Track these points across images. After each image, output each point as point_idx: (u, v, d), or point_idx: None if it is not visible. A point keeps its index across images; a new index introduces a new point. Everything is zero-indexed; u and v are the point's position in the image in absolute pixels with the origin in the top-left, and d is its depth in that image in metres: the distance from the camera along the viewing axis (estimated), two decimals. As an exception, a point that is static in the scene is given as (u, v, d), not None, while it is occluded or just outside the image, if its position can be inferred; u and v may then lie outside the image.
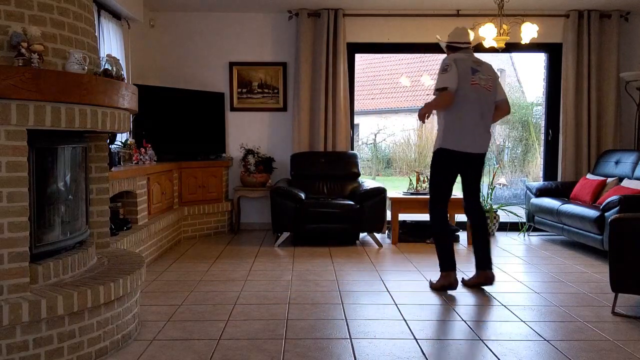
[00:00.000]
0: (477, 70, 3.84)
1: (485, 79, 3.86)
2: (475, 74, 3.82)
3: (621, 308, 3.45)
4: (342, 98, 6.16)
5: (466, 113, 3.80)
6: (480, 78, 3.83)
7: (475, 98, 3.81)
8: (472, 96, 3.79)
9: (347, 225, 5.46)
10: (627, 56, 6.28)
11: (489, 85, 3.87)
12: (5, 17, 2.41)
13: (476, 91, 3.81)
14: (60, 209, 2.79)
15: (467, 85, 3.78)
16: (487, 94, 3.87)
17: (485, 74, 3.87)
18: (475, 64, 3.88)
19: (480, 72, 3.84)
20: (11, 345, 2.30)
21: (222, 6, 6.11)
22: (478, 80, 3.82)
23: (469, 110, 3.80)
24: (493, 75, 3.93)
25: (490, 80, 3.88)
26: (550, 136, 6.54)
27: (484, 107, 3.85)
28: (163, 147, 5.64)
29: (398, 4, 6.00)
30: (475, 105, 3.81)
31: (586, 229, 5.03)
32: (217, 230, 6.14)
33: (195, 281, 4.11)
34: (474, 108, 3.81)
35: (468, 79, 3.79)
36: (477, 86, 3.81)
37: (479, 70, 3.85)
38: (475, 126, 3.82)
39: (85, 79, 2.55)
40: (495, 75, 3.95)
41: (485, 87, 3.85)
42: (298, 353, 2.73)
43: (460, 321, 3.26)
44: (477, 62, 3.90)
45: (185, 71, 6.36)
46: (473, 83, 3.80)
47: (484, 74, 3.86)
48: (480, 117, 3.84)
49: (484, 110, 3.86)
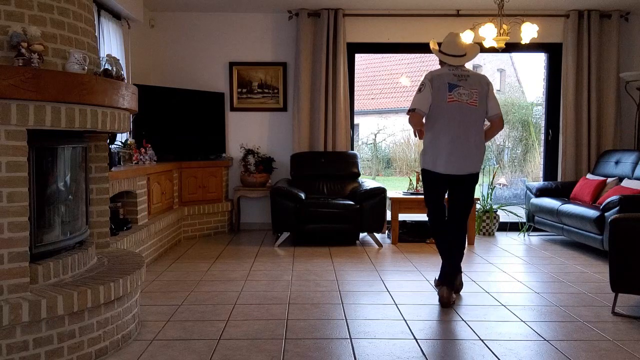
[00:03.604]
0: (456, 85, 3.57)
1: (468, 94, 3.57)
2: (453, 90, 3.55)
3: (621, 308, 3.45)
4: (342, 98, 6.16)
5: (442, 133, 3.58)
6: (460, 94, 3.56)
7: (453, 116, 3.56)
8: (449, 114, 3.56)
9: (347, 225, 5.46)
10: (627, 56, 6.28)
11: (473, 101, 3.58)
12: (5, 17, 2.41)
13: (454, 109, 3.56)
14: (60, 209, 2.79)
15: (443, 104, 3.56)
16: (471, 110, 3.57)
17: (469, 88, 3.58)
18: (457, 78, 3.60)
19: (461, 87, 3.57)
20: (11, 345, 2.30)
21: (222, 6, 6.11)
22: (457, 96, 3.55)
23: (446, 130, 3.57)
24: (480, 89, 3.61)
25: (475, 94, 3.58)
26: (550, 136, 6.54)
27: (465, 125, 3.57)
28: (163, 147, 5.64)
29: (398, 4, 6.00)
30: (453, 124, 3.56)
31: (586, 229, 5.03)
32: (217, 230, 6.14)
33: (195, 281, 4.11)
34: (451, 127, 3.56)
35: (444, 97, 3.55)
36: (456, 103, 3.55)
37: (460, 85, 3.57)
38: (453, 146, 3.56)
39: (85, 79, 2.55)
40: (484, 89, 3.64)
41: (468, 103, 3.57)
42: (298, 353, 2.73)
43: (460, 321, 3.25)
44: (461, 76, 3.61)
45: (185, 71, 6.36)
46: (450, 100, 3.55)
47: (468, 88, 3.58)
48: (461, 137, 3.57)
49: (466, 128, 3.58)
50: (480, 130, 3.66)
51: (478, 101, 3.60)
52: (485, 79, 3.72)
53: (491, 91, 3.70)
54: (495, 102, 3.68)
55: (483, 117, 3.67)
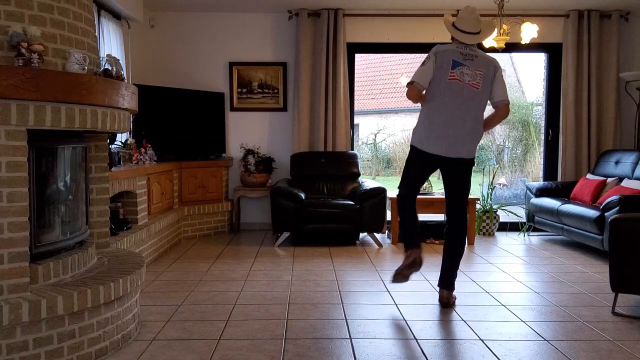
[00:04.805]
0: (461, 63, 3.35)
1: (472, 75, 3.35)
2: (456, 68, 3.34)
3: (621, 308, 3.45)
4: (342, 98, 6.16)
5: (437, 111, 3.39)
6: (463, 73, 3.34)
7: (452, 95, 3.35)
8: (448, 93, 3.35)
9: (347, 225, 5.46)
10: (627, 56, 6.28)
11: (476, 82, 3.35)
12: (5, 17, 2.41)
13: (454, 87, 3.35)
14: (60, 209, 2.79)
15: (443, 81, 3.35)
16: (472, 92, 3.36)
17: (474, 69, 3.36)
18: (462, 56, 3.38)
19: (466, 66, 3.35)
20: (11, 345, 2.30)
21: (222, 6, 6.11)
22: (459, 75, 3.34)
23: (442, 109, 3.38)
24: (486, 71, 3.39)
25: (479, 76, 3.36)
26: (550, 136, 6.54)
27: (463, 107, 3.37)
28: (163, 147, 5.64)
29: (398, 4, 6.00)
30: (451, 104, 3.36)
31: (586, 229, 5.03)
32: (217, 230, 6.14)
33: (195, 281, 4.11)
34: (447, 107, 3.37)
35: (445, 74, 3.35)
36: (457, 82, 3.34)
37: (466, 64, 3.36)
38: (445, 127, 3.37)
39: (85, 79, 2.55)
40: (490, 72, 3.41)
41: (470, 84, 3.35)
42: (298, 353, 2.73)
43: (460, 321, 3.25)
44: (468, 55, 3.39)
45: (185, 71, 6.36)
46: (451, 78, 3.34)
47: (473, 68, 3.36)
48: (456, 119, 3.37)
49: (464, 110, 3.37)
50: (479, 115, 3.45)
51: (482, 84, 3.38)
52: (494, 62, 3.46)
53: (499, 75, 3.45)
54: (503, 87, 3.45)
55: (484, 102, 3.45)
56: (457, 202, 3.58)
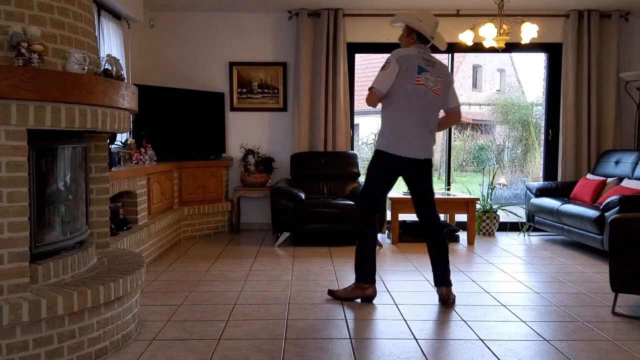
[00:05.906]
0: (425, 70, 3.46)
1: (434, 81, 3.49)
2: (421, 74, 3.44)
3: (621, 308, 3.45)
4: (342, 98, 6.16)
5: (406, 115, 3.47)
6: (427, 79, 3.46)
7: (418, 100, 3.46)
8: (415, 97, 3.45)
9: (347, 225, 5.46)
10: (627, 56, 6.28)
11: (437, 89, 3.50)
12: (5, 17, 2.41)
13: (420, 92, 3.45)
14: (60, 209, 2.79)
15: (410, 86, 3.43)
16: (434, 98, 3.51)
17: (435, 76, 3.50)
18: (426, 62, 3.49)
19: (429, 72, 3.48)
20: (11, 345, 2.30)
21: (222, 6, 6.11)
22: (424, 80, 3.45)
23: (409, 113, 3.46)
24: (445, 78, 3.56)
25: (440, 82, 3.51)
26: (550, 136, 6.54)
27: (427, 111, 3.51)
28: (163, 147, 5.64)
29: (398, 4, 6.00)
30: (417, 108, 3.47)
31: (586, 229, 5.03)
32: (217, 230, 6.14)
33: (195, 281, 4.11)
34: (414, 111, 3.47)
35: (412, 79, 3.43)
36: (422, 87, 3.45)
37: (428, 70, 3.48)
38: (414, 130, 3.48)
39: (85, 79, 2.55)
40: (448, 79, 3.60)
41: (433, 90, 3.48)
42: (298, 353, 2.73)
43: (460, 321, 3.25)
44: (430, 61, 3.52)
45: (185, 71, 6.36)
46: (418, 83, 3.44)
47: (434, 75, 3.49)
48: (422, 121, 3.49)
49: (427, 114, 3.52)
50: (437, 119, 3.64)
51: (441, 90, 3.54)
52: (447, 69, 3.74)
53: (453, 83, 3.71)
54: (456, 94, 3.69)
55: (441, 106, 3.63)
56: (429, 201, 3.67)
